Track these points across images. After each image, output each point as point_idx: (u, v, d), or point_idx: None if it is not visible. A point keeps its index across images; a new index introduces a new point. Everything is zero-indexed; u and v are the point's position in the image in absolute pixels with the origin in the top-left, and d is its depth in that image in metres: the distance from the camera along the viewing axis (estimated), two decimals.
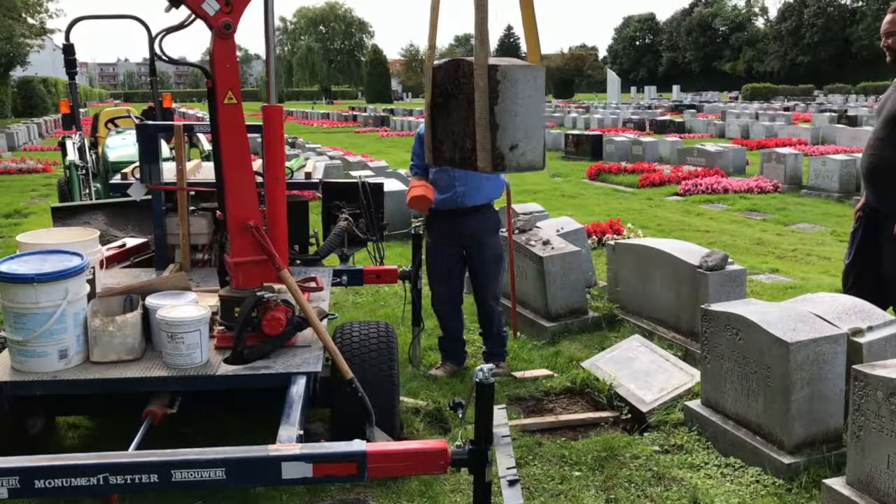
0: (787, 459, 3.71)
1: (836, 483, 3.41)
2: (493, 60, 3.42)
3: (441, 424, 4.46)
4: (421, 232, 5.34)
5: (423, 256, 5.21)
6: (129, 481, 2.57)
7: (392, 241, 8.72)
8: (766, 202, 12.76)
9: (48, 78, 54.69)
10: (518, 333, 5.93)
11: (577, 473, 3.91)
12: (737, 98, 65.90)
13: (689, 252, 5.58)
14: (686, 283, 5.40)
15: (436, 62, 3.72)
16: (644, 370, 4.89)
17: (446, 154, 3.80)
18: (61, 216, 5.58)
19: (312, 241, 5.41)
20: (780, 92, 68.27)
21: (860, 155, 4.78)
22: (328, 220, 5.35)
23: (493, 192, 5.10)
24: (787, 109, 40.06)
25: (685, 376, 4.74)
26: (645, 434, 4.35)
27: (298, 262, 4.99)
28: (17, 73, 49.98)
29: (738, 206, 12.56)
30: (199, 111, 42.53)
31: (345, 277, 5.11)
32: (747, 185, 13.91)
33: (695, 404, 4.34)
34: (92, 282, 3.70)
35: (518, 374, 5.16)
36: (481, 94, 3.42)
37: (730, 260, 5.38)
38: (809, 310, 4.08)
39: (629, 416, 4.60)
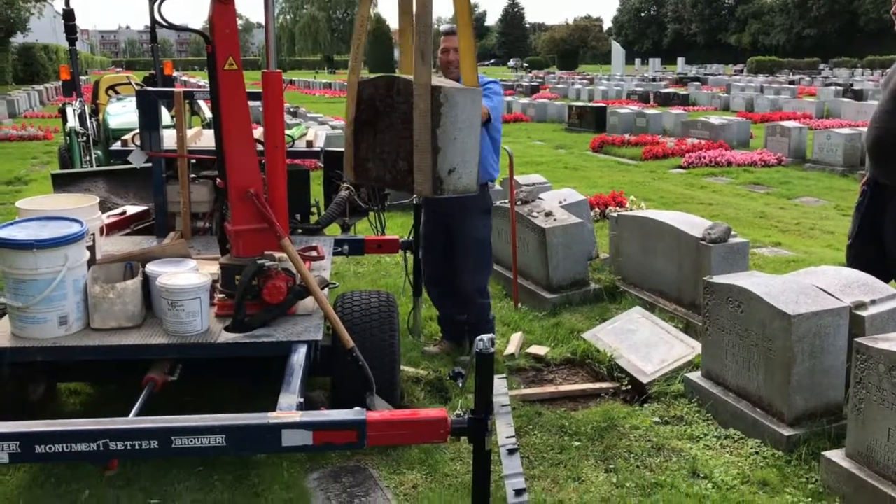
0: (786, 431, 3.71)
1: (836, 455, 3.42)
2: (433, 81, 3.33)
3: (441, 394, 4.47)
4: (422, 203, 5.31)
5: None
6: (129, 447, 2.57)
7: (393, 211, 8.68)
8: (769, 176, 12.69)
9: (49, 45, 54.30)
10: (519, 305, 5.93)
11: (577, 443, 3.92)
12: (742, 71, 65.50)
13: (692, 224, 5.56)
14: (688, 255, 5.39)
15: (362, 78, 3.67)
16: (645, 342, 4.89)
17: (372, 172, 3.72)
18: (62, 183, 5.56)
19: (314, 210, 5.39)
20: (786, 65, 67.89)
21: (865, 129, 4.73)
22: (329, 189, 5.33)
23: (482, 177, 4.62)
24: (792, 83, 39.80)
25: (686, 348, 4.73)
26: (645, 405, 4.35)
27: (300, 231, 4.97)
28: (18, 39, 49.61)
29: (742, 179, 12.51)
30: (200, 80, 42.29)
31: (346, 247, 5.10)
32: (751, 158, 13.84)
33: (695, 376, 4.34)
34: (92, 248, 3.68)
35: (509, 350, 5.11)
36: (422, 117, 3.33)
37: (733, 233, 5.36)
38: (812, 283, 4.06)
39: (629, 387, 4.60)
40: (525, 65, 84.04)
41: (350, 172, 3.79)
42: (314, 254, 3.97)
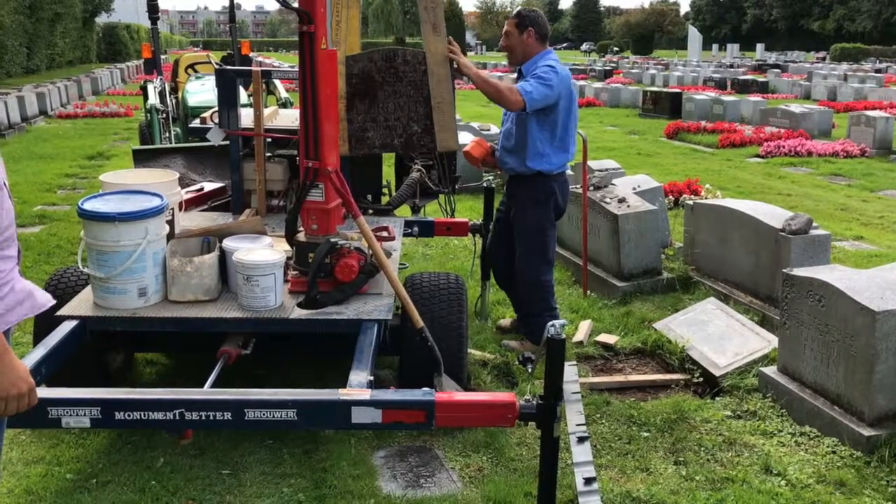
0: (866, 432, 3.58)
1: None
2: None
3: (508, 378, 4.45)
4: (493, 186, 5.28)
5: None
6: (203, 418, 2.63)
7: (463, 193, 8.68)
8: (851, 167, 12.24)
9: (131, 24, 55.76)
10: (588, 292, 5.85)
11: (646, 434, 3.86)
12: (824, 58, 63.18)
13: (772, 215, 5.40)
14: (766, 246, 5.23)
15: (349, 54, 3.92)
16: (718, 334, 4.77)
17: (376, 141, 4.11)
18: (142, 159, 5.70)
19: (385, 191, 5.41)
20: (872, 53, 65.09)
21: None
22: (401, 170, 5.34)
23: (530, 164, 4.44)
24: (878, 71, 38.17)
25: (761, 342, 4.61)
26: (717, 398, 4.26)
27: (371, 211, 5.00)
28: (102, 18, 51.07)
29: (822, 170, 12.09)
30: (275, 60, 42.83)
31: (416, 228, 5.11)
32: (832, 148, 13.36)
33: (770, 371, 4.23)
34: (171, 223, 3.77)
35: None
36: (443, 81, 3.95)
37: (814, 224, 5.18)
38: None
39: (700, 379, 4.51)
40: (616, 48, 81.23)
41: (343, 146, 3.91)
42: (385, 234, 3.99)
